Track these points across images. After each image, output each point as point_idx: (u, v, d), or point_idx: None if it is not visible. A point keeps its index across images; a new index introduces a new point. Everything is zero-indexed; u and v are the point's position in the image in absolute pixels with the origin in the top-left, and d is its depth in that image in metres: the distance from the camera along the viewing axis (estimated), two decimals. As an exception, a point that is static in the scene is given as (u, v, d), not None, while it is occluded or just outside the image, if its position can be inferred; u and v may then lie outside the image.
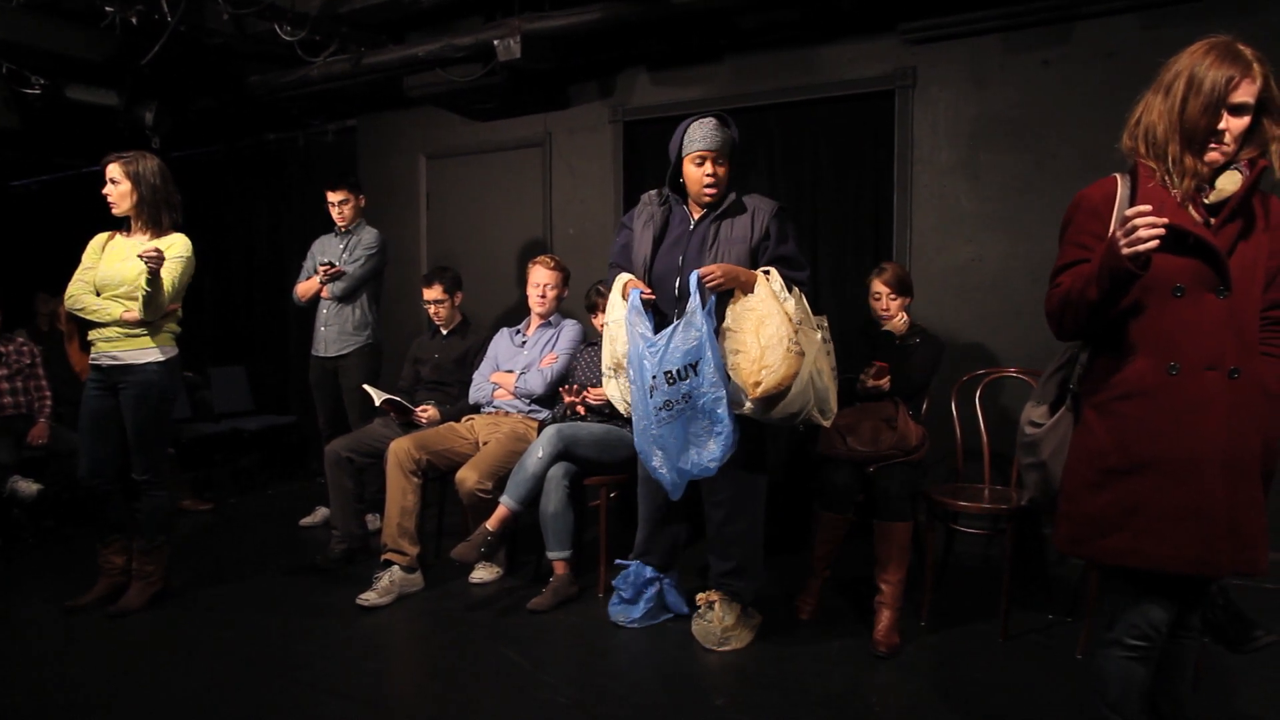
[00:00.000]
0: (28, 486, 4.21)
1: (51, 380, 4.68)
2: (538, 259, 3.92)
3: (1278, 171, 1.70)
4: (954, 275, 4.11)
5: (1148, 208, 1.62)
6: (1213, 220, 1.73)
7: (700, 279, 2.72)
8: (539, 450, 3.44)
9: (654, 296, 2.88)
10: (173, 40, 4.12)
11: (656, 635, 3.13)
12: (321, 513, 4.66)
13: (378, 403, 3.85)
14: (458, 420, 3.92)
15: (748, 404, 2.75)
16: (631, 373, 2.81)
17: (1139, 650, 1.80)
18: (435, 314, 4.14)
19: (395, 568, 3.51)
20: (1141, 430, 1.74)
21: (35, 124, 4.91)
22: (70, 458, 4.02)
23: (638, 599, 3.20)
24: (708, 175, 2.85)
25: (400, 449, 3.61)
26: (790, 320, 2.71)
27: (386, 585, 3.45)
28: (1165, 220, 1.61)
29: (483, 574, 3.71)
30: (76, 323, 3.37)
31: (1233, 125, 1.69)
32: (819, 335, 2.85)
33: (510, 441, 3.64)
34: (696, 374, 2.69)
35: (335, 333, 4.38)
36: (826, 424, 2.85)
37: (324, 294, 4.36)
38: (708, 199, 2.90)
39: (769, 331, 2.69)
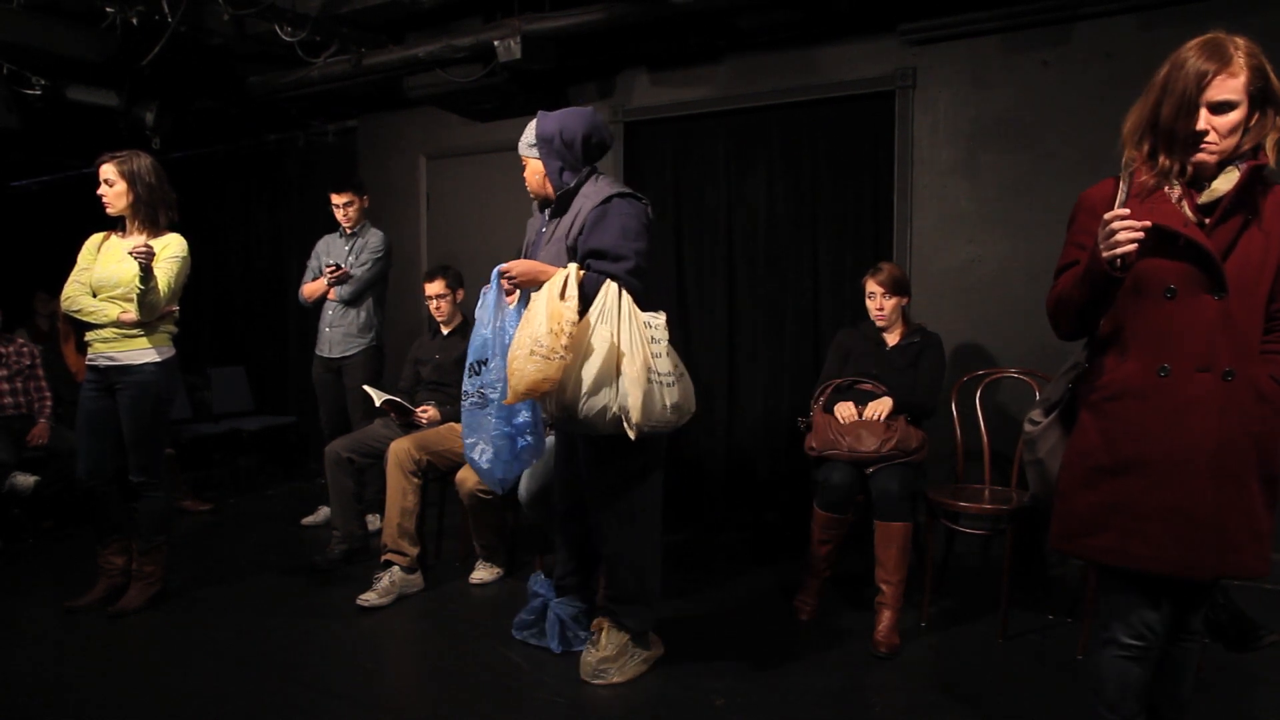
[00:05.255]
0: (25, 479, 4.20)
1: (51, 380, 4.68)
2: None
3: (1273, 163, 1.68)
4: (954, 275, 4.11)
5: (1125, 211, 1.61)
6: (1207, 220, 1.71)
7: (499, 275, 2.68)
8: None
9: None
10: (173, 41, 4.12)
11: (656, 634, 3.12)
12: (324, 511, 4.66)
13: (378, 403, 3.85)
14: (458, 421, 3.91)
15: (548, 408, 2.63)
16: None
17: (1135, 650, 1.80)
18: (437, 309, 4.12)
19: (395, 568, 3.51)
20: (1130, 431, 1.74)
21: (35, 124, 4.91)
22: (70, 458, 4.02)
23: (527, 610, 3.08)
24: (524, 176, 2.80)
25: (400, 449, 3.61)
26: (559, 321, 2.45)
27: (386, 586, 3.45)
28: (1146, 223, 1.60)
29: (483, 574, 3.71)
30: (73, 323, 3.36)
31: (1217, 123, 1.64)
32: (632, 335, 2.52)
33: (510, 442, 3.63)
34: (488, 370, 2.69)
35: (340, 334, 4.39)
36: (631, 434, 2.49)
37: (331, 295, 4.37)
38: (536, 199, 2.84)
39: (522, 334, 2.50)
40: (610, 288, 2.54)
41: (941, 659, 2.92)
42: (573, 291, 2.51)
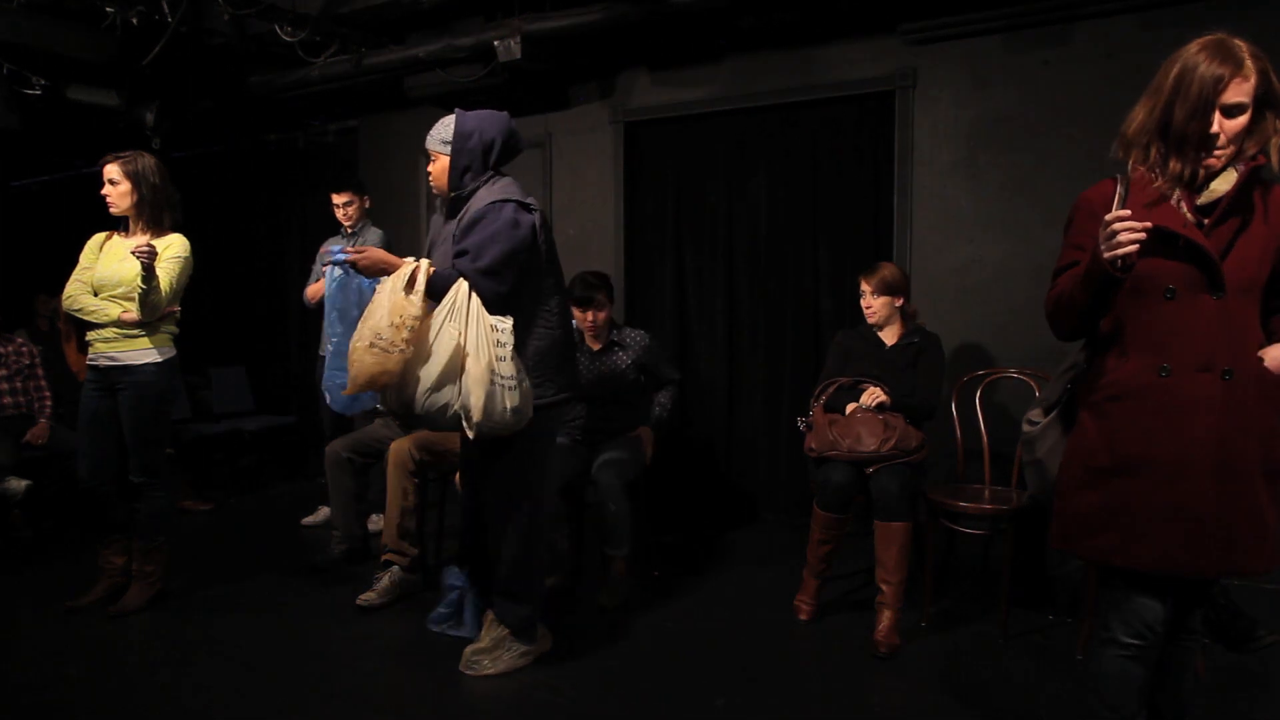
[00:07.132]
0: (17, 483, 4.19)
1: (51, 380, 4.68)
2: None
3: (1276, 166, 1.68)
4: (954, 276, 4.11)
5: (1126, 212, 1.61)
6: (1206, 221, 1.71)
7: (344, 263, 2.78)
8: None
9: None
10: (173, 41, 4.12)
11: (656, 634, 3.13)
12: (324, 512, 4.65)
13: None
14: (458, 420, 3.92)
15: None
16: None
17: (1135, 649, 1.80)
18: None
19: (395, 568, 3.50)
20: (1131, 431, 1.75)
21: (36, 124, 4.91)
22: (70, 458, 4.01)
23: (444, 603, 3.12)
24: (427, 171, 2.80)
25: (400, 450, 3.61)
26: (401, 314, 2.46)
27: (386, 586, 3.45)
28: (1147, 224, 1.60)
29: (483, 574, 3.72)
30: (74, 323, 3.36)
31: (1227, 127, 1.65)
32: (478, 335, 2.50)
33: (510, 442, 3.64)
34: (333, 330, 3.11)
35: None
36: (470, 434, 2.53)
37: None
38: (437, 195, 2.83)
39: (364, 326, 2.52)
40: (461, 286, 2.52)
41: (942, 659, 2.92)
42: (420, 286, 2.51)
